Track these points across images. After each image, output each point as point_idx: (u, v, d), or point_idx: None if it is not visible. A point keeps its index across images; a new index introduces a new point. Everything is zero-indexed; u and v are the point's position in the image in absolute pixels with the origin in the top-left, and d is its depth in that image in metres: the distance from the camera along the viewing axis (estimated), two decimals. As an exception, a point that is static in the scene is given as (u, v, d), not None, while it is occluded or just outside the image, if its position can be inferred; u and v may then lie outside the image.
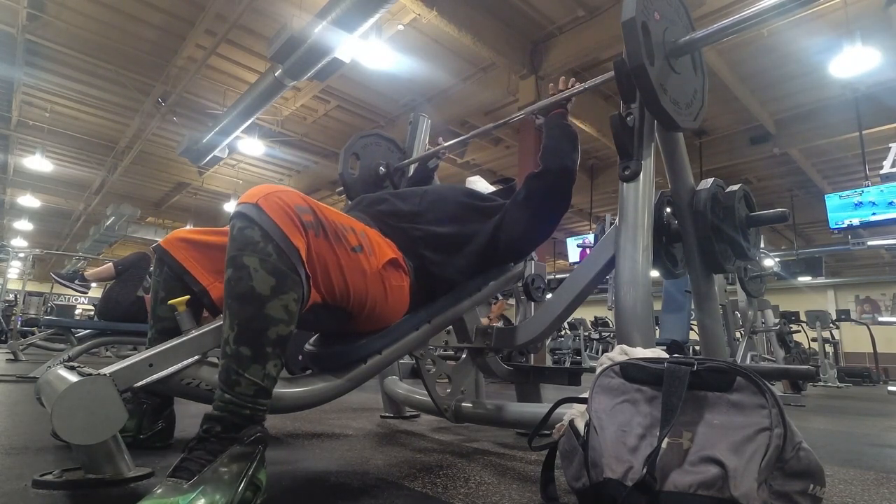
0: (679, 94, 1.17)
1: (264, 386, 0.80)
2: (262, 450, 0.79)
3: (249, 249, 0.79)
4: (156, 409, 1.25)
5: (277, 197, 0.84)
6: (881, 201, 6.52)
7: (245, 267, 0.79)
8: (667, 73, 1.12)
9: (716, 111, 6.88)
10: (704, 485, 0.66)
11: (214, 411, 0.78)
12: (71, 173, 9.87)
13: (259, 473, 0.77)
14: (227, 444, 0.75)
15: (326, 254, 0.89)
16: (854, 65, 4.84)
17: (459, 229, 1.21)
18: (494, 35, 5.30)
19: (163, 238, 1.13)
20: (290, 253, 0.81)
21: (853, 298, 13.72)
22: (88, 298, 11.29)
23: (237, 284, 0.79)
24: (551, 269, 12.68)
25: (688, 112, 1.21)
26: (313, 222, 0.87)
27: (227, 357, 0.79)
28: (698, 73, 1.28)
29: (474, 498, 0.92)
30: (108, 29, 5.71)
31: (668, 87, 1.12)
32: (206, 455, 0.73)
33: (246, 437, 0.77)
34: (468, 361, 1.59)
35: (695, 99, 1.25)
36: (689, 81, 1.23)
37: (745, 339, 3.90)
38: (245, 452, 0.76)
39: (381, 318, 1.04)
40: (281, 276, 0.80)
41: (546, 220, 1.31)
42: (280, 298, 0.79)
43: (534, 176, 1.30)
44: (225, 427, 0.77)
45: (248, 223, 0.81)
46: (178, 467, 0.72)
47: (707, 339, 1.50)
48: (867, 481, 1.21)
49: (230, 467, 0.73)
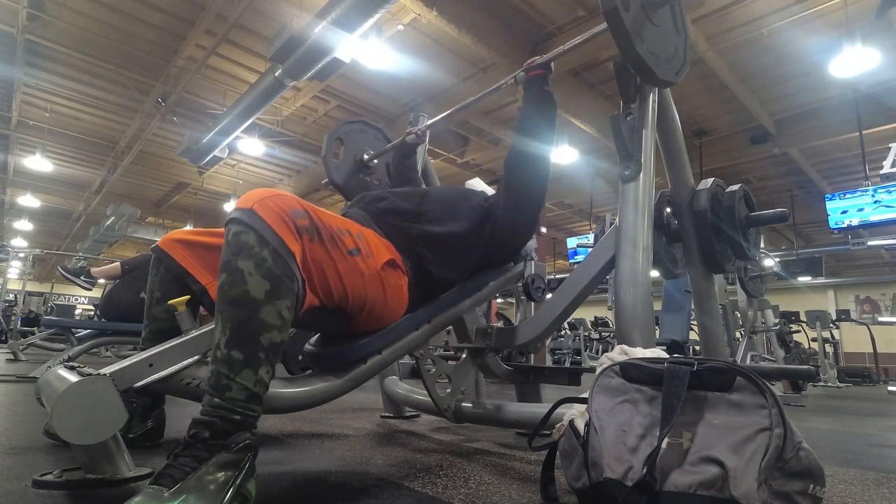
0: (658, 47, 1.14)
1: (256, 392, 0.77)
2: (252, 458, 0.76)
3: (244, 254, 0.78)
4: (145, 409, 1.26)
5: (272, 201, 0.83)
6: (881, 201, 6.52)
7: (239, 271, 0.77)
8: (643, 23, 1.10)
9: (716, 111, 6.87)
10: (704, 485, 0.66)
11: (203, 416, 0.75)
12: (71, 173, 9.87)
13: (248, 483, 0.74)
14: (214, 451, 0.72)
15: (322, 258, 0.89)
16: (854, 65, 4.83)
17: (457, 229, 1.21)
18: (494, 35, 5.29)
19: (161, 239, 1.14)
20: (286, 256, 0.81)
21: (853, 298, 13.72)
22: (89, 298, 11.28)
23: (231, 289, 0.77)
24: (551, 269, 12.69)
25: (668, 66, 1.18)
26: (308, 227, 0.87)
27: (218, 361, 0.76)
28: (679, 31, 1.27)
29: (474, 498, 0.92)
30: (108, 29, 5.71)
31: (645, 36, 1.10)
32: (191, 462, 0.70)
33: (234, 443, 0.74)
34: (468, 361, 1.59)
35: (676, 55, 1.22)
36: (668, 37, 1.21)
37: (745, 339, 3.90)
38: (233, 460, 0.73)
39: (380, 319, 1.04)
40: (276, 281, 0.79)
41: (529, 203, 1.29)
42: (274, 304, 0.78)
43: (507, 162, 1.29)
44: (213, 433, 0.74)
45: (244, 228, 0.80)
46: (162, 474, 0.69)
47: (707, 339, 1.50)
48: (867, 481, 1.21)
49: (216, 476, 0.70)
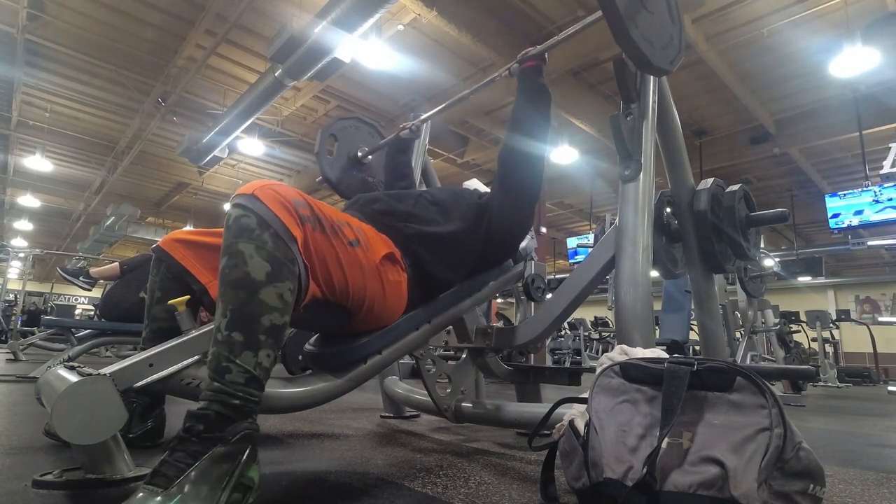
0: (653, 34, 1.12)
1: (256, 375, 0.76)
2: (252, 446, 0.74)
3: (245, 237, 0.78)
4: (145, 409, 1.26)
5: (274, 189, 0.84)
6: (881, 201, 6.52)
7: (240, 253, 0.77)
8: (637, 8, 1.07)
9: (716, 111, 6.87)
10: (704, 485, 0.66)
11: (200, 406, 0.73)
12: (71, 173, 9.87)
13: (249, 471, 0.73)
14: (209, 445, 0.70)
15: (324, 247, 0.89)
16: (854, 65, 4.83)
17: (453, 229, 1.21)
18: (494, 35, 5.29)
19: (161, 239, 1.14)
20: (288, 240, 0.81)
21: (853, 298, 13.72)
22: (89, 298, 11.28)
23: (231, 271, 0.77)
24: (551, 269, 12.70)
25: (663, 54, 1.15)
26: (310, 217, 0.87)
27: (218, 344, 0.75)
28: (675, 21, 1.25)
29: (474, 498, 0.92)
30: (108, 29, 5.71)
31: (640, 22, 1.07)
32: (186, 458, 0.68)
33: (232, 434, 0.72)
34: (468, 361, 1.59)
35: (671, 43, 1.20)
36: (664, 25, 1.19)
37: (745, 339, 3.90)
38: (230, 452, 0.71)
39: (380, 316, 1.04)
40: (276, 263, 0.79)
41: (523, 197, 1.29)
42: (275, 286, 0.78)
43: (501, 157, 1.29)
44: (208, 425, 0.71)
45: (245, 211, 0.80)
46: (156, 472, 0.67)
47: (707, 339, 1.51)
48: (867, 481, 1.21)
49: (212, 471, 0.68)
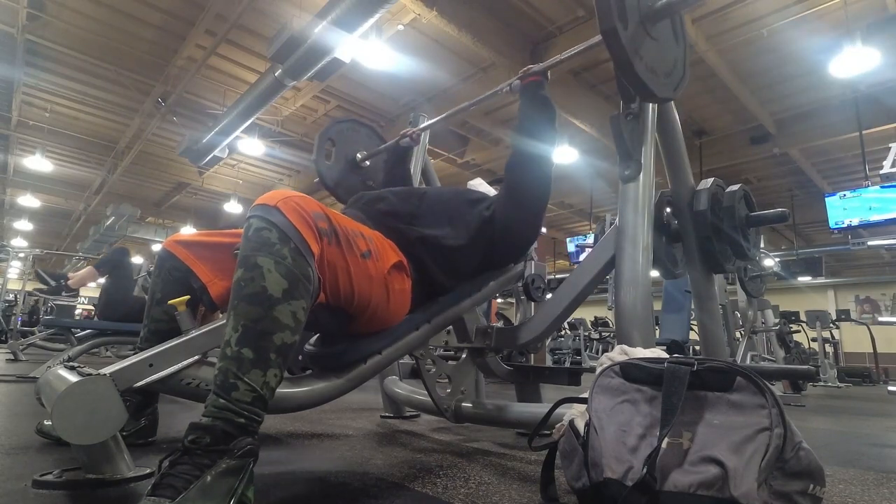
0: (657, 62, 1.08)
1: (262, 394, 0.75)
2: (252, 464, 0.73)
3: (265, 251, 0.77)
4: (138, 407, 1.26)
5: (296, 201, 0.83)
6: (881, 201, 6.52)
7: (258, 267, 0.76)
8: (642, 38, 1.04)
9: (716, 111, 6.87)
10: (704, 485, 0.66)
11: (204, 419, 0.72)
12: (71, 173, 9.87)
13: (248, 491, 0.71)
14: (215, 458, 0.69)
15: (337, 260, 0.89)
16: (854, 65, 4.83)
17: (456, 231, 1.20)
18: (494, 35, 5.29)
19: (164, 239, 1.14)
20: (307, 257, 0.80)
21: (853, 298, 13.71)
22: (88, 298, 11.27)
23: (248, 285, 0.76)
24: (551, 269, 12.69)
25: (667, 81, 1.12)
26: (328, 230, 0.87)
27: (227, 359, 0.74)
28: (679, 41, 1.19)
29: (474, 498, 0.92)
30: (108, 29, 5.70)
31: (644, 53, 1.04)
32: (192, 470, 0.67)
33: (237, 448, 0.70)
34: (468, 361, 1.59)
35: (675, 69, 1.17)
36: (668, 49, 1.15)
37: (745, 339, 3.90)
38: (236, 467, 0.69)
39: (381, 321, 1.04)
40: (294, 280, 0.78)
41: (530, 209, 1.29)
42: (290, 304, 0.77)
43: (508, 166, 1.28)
44: (215, 438, 0.70)
45: (266, 224, 0.79)
46: (160, 484, 0.66)
47: (707, 339, 1.50)
48: (867, 481, 1.21)
49: (219, 484, 0.67)
